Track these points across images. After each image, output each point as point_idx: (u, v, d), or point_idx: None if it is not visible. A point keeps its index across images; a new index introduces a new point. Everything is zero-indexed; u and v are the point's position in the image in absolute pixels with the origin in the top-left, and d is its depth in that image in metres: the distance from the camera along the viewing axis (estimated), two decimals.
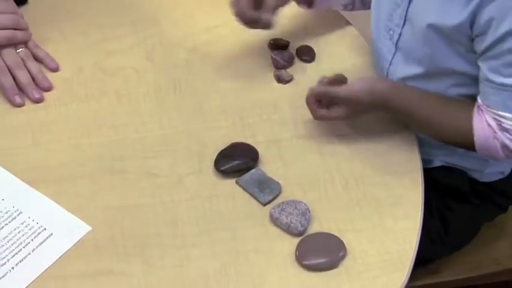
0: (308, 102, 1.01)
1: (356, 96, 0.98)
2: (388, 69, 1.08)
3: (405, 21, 1.00)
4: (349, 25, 1.22)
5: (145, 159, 1.01)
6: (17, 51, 1.11)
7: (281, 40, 1.16)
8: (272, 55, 1.14)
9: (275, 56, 1.14)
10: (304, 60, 1.15)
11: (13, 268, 0.87)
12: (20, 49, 1.12)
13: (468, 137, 0.96)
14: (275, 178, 0.97)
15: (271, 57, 1.14)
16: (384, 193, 0.96)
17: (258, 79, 1.13)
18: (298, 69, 1.14)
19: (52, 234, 0.91)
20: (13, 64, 1.09)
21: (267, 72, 1.13)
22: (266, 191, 0.95)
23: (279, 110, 1.07)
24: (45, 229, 0.91)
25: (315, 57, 1.16)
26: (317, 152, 1.01)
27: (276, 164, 0.99)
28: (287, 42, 1.16)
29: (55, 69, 1.14)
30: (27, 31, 1.14)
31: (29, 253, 0.89)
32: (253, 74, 1.13)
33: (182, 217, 0.93)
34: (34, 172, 0.98)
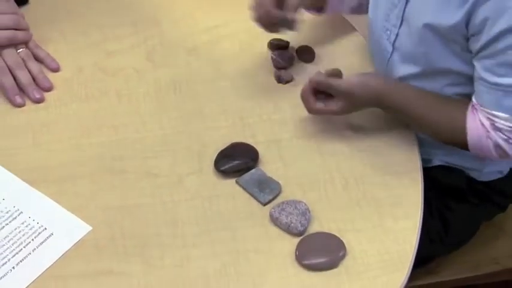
0: (304, 94, 1.00)
1: (353, 90, 0.98)
2: (386, 69, 1.08)
3: (402, 21, 1.00)
4: (348, 25, 1.22)
5: (145, 159, 1.01)
6: (18, 51, 1.11)
7: (281, 40, 1.16)
8: (272, 55, 1.14)
9: (275, 56, 1.14)
10: (304, 60, 1.15)
11: (13, 268, 0.87)
12: (21, 49, 1.12)
13: (462, 136, 0.96)
14: (275, 178, 0.97)
15: (271, 57, 1.15)
16: (384, 193, 0.96)
17: (258, 79, 1.13)
18: (298, 69, 1.14)
19: (52, 234, 0.91)
20: (14, 64, 1.09)
21: (267, 72, 1.14)
22: (266, 191, 0.95)
23: (279, 110, 1.07)
24: (45, 229, 0.92)
25: (315, 57, 1.16)
26: (317, 152, 1.01)
27: (276, 164, 0.99)
28: (287, 42, 1.16)
29: (56, 69, 1.14)
30: (27, 31, 1.14)
31: (30, 253, 0.89)
32: (253, 74, 1.14)
33: (182, 217, 0.93)
34: (34, 172, 0.98)
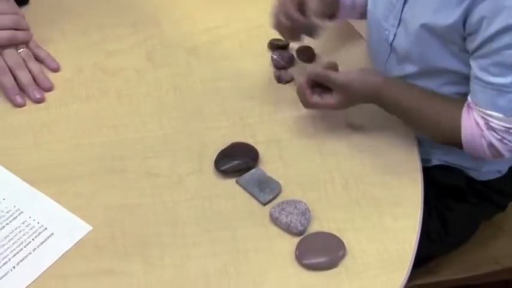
0: (300, 88, 1.00)
1: (351, 83, 0.98)
2: (384, 69, 1.08)
3: (400, 21, 1.01)
4: (348, 25, 1.22)
5: (145, 159, 1.01)
6: (18, 51, 1.11)
7: (281, 40, 1.16)
8: (272, 55, 1.15)
9: (275, 56, 1.14)
10: (304, 60, 1.16)
11: (14, 267, 0.87)
12: (21, 49, 1.12)
13: (456, 135, 0.96)
14: (275, 178, 0.97)
15: (271, 57, 1.15)
16: (384, 193, 0.96)
17: (258, 79, 1.13)
18: (298, 69, 1.14)
19: (53, 233, 0.91)
20: (14, 64, 1.09)
21: (267, 72, 1.14)
22: (266, 191, 0.95)
23: (279, 110, 1.08)
24: (46, 229, 0.92)
25: (315, 57, 1.16)
26: (317, 152, 1.02)
27: (276, 164, 1.00)
28: (287, 42, 1.16)
29: (56, 69, 1.14)
30: (28, 31, 1.14)
31: (30, 252, 0.89)
32: (253, 74, 1.14)
33: (182, 217, 0.93)
34: (35, 172, 0.99)
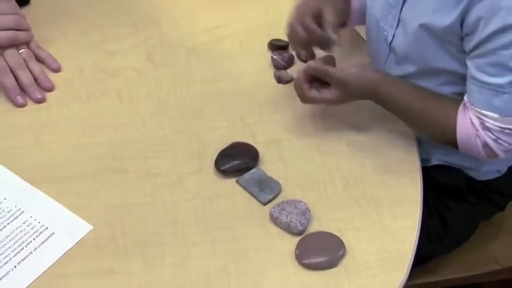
0: (298, 82, 1.00)
1: (349, 79, 0.98)
2: (383, 69, 1.08)
3: (399, 22, 1.01)
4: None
5: (145, 159, 1.01)
6: (19, 51, 1.12)
7: (281, 40, 1.16)
8: (272, 55, 1.15)
9: (275, 57, 1.14)
10: (304, 60, 1.16)
11: (15, 267, 0.88)
12: (22, 50, 1.12)
13: (452, 134, 0.96)
14: (275, 178, 0.97)
15: (271, 57, 1.15)
16: (383, 192, 0.96)
17: (258, 79, 1.13)
18: (298, 69, 1.14)
19: (54, 233, 0.92)
20: (15, 64, 1.10)
21: (267, 72, 1.14)
22: (266, 191, 0.95)
23: (279, 110, 1.08)
24: (46, 228, 0.92)
25: (315, 57, 1.16)
26: (317, 152, 1.02)
27: (276, 164, 1.00)
28: (287, 42, 1.16)
29: (57, 69, 1.14)
30: (29, 32, 1.14)
31: (31, 252, 0.89)
32: (253, 74, 1.14)
33: (182, 216, 0.94)
34: (36, 172, 0.99)
